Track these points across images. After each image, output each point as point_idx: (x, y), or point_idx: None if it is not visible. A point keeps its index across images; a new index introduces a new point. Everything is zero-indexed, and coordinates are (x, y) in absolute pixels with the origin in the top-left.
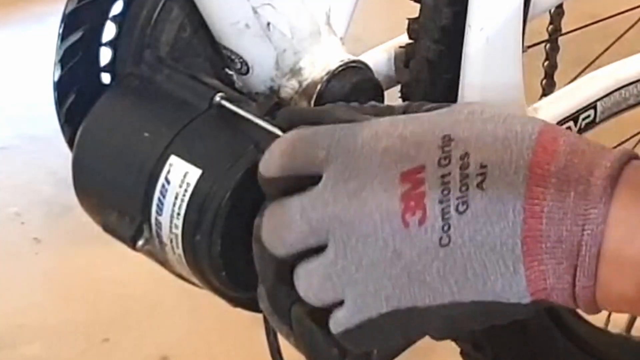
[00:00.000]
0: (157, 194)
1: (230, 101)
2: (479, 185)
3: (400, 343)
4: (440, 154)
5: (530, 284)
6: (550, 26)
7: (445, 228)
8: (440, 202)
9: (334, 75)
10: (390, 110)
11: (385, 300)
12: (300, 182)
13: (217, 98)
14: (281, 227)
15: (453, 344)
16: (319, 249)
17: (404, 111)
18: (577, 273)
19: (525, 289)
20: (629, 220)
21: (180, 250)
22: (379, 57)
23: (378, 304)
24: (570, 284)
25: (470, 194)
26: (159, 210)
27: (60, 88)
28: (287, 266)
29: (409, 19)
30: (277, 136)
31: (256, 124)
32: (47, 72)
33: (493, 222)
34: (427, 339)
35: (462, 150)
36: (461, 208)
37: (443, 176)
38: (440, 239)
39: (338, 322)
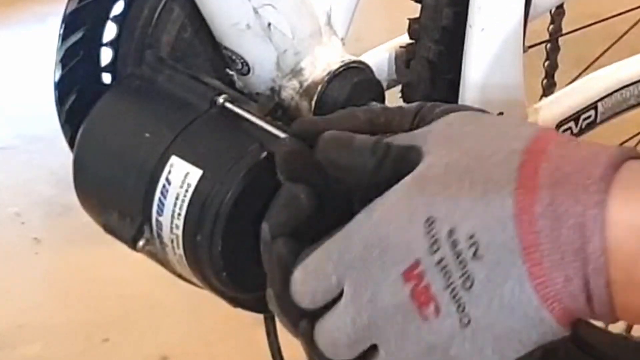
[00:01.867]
0: (157, 194)
1: (233, 103)
2: (475, 256)
3: None
4: (428, 241)
5: (561, 320)
6: (551, 26)
7: (460, 310)
8: (446, 287)
9: (334, 76)
10: (401, 112)
11: None
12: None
13: (221, 100)
14: (329, 344)
15: None
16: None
17: (417, 111)
18: (593, 302)
19: (557, 328)
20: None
21: (181, 251)
22: (379, 57)
23: None
24: (591, 309)
25: (469, 267)
26: (160, 211)
27: (61, 88)
28: None
29: (409, 19)
30: (279, 138)
31: (258, 126)
32: (47, 72)
33: (501, 284)
34: None
35: (447, 227)
36: (467, 284)
37: (439, 262)
38: (460, 320)
39: None
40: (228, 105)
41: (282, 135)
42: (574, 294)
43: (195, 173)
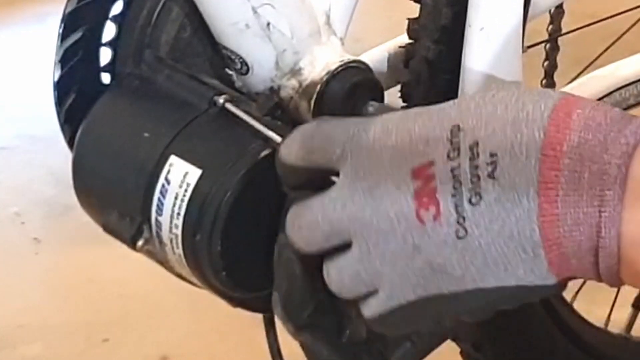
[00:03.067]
0: (157, 194)
1: (233, 103)
2: (490, 175)
3: (432, 327)
4: (448, 146)
5: (553, 266)
6: (550, 26)
7: (460, 221)
8: (453, 195)
9: (333, 76)
10: None
11: (413, 290)
12: (320, 176)
13: (221, 100)
14: (305, 228)
15: (453, 344)
16: (345, 245)
17: None
18: (599, 254)
19: (547, 271)
20: None
21: (180, 251)
22: (378, 57)
23: (406, 293)
24: (593, 263)
25: (482, 184)
26: (159, 211)
27: (61, 88)
28: (312, 264)
29: (409, 19)
30: (276, 142)
31: (257, 126)
32: (47, 72)
33: (508, 210)
34: None
35: (471, 139)
36: (474, 200)
37: (453, 169)
38: (457, 231)
39: (370, 307)
40: (228, 105)
41: (279, 140)
42: (578, 241)
43: (195, 173)
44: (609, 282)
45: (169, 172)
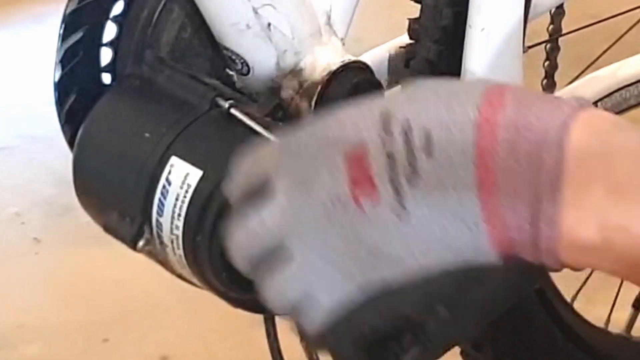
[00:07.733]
0: (158, 194)
1: (234, 104)
2: (425, 151)
3: (381, 326)
4: (379, 127)
5: (492, 237)
6: (551, 26)
7: (399, 202)
8: (391, 179)
9: (334, 76)
10: None
11: (354, 279)
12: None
13: (226, 105)
14: (243, 241)
15: None
16: (284, 258)
17: None
18: (540, 215)
19: (487, 243)
20: (587, 164)
21: (180, 251)
22: (379, 57)
23: (348, 286)
24: (534, 233)
25: (418, 163)
26: (160, 211)
27: (61, 88)
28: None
29: (409, 19)
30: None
31: (257, 128)
32: (47, 72)
33: (447, 185)
34: None
35: (403, 118)
36: (413, 180)
37: (387, 150)
38: (397, 213)
39: (314, 318)
40: (235, 112)
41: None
42: (519, 210)
43: (196, 174)
44: (547, 254)
45: (169, 172)
